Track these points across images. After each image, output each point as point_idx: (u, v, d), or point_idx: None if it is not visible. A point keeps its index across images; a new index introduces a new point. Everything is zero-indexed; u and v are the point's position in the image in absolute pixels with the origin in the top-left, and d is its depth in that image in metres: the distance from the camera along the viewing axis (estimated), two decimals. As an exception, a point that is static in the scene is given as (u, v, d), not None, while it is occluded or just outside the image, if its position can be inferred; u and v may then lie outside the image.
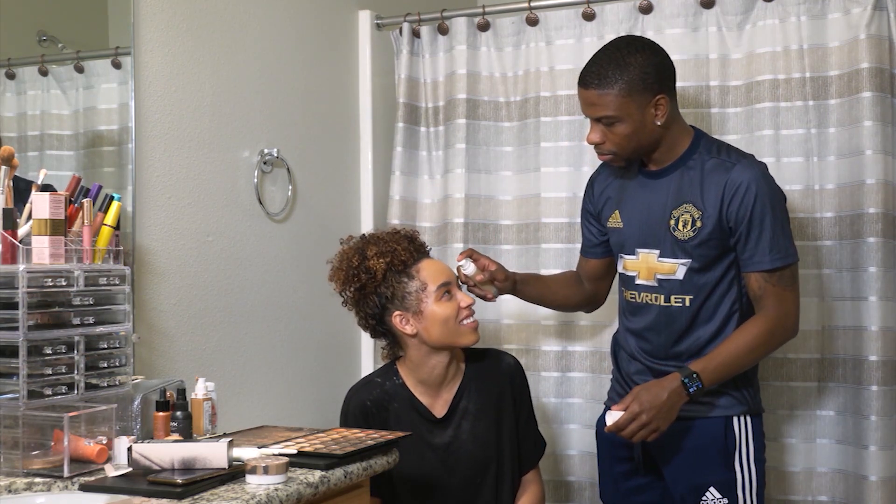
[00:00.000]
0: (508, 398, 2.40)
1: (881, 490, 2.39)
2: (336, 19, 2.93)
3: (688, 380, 2.08)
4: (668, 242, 2.19)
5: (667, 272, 2.19)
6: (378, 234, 2.40)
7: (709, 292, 2.18)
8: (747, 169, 2.13)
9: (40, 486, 1.67)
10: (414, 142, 2.97)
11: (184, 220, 2.33)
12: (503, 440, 2.38)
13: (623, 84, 2.11)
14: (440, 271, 2.34)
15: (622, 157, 2.21)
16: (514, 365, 2.45)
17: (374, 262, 2.30)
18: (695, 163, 2.19)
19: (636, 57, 2.14)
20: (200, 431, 2.01)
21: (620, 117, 2.13)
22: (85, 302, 1.82)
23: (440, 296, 2.30)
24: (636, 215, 2.26)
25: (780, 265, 2.13)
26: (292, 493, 1.64)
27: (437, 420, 2.36)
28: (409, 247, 2.34)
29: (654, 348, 2.24)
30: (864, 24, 2.44)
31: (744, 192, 2.10)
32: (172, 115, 2.30)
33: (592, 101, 2.16)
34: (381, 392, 2.36)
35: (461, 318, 2.31)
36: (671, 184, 2.20)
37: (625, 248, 2.28)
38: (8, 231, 1.78)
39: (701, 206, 2.15)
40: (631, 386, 2.27)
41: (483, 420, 2.36)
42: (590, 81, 2.16)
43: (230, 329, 2.46)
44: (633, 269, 2.26)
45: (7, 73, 2.03)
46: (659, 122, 2.15)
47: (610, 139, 2.17)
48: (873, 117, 2.42)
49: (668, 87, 2.18)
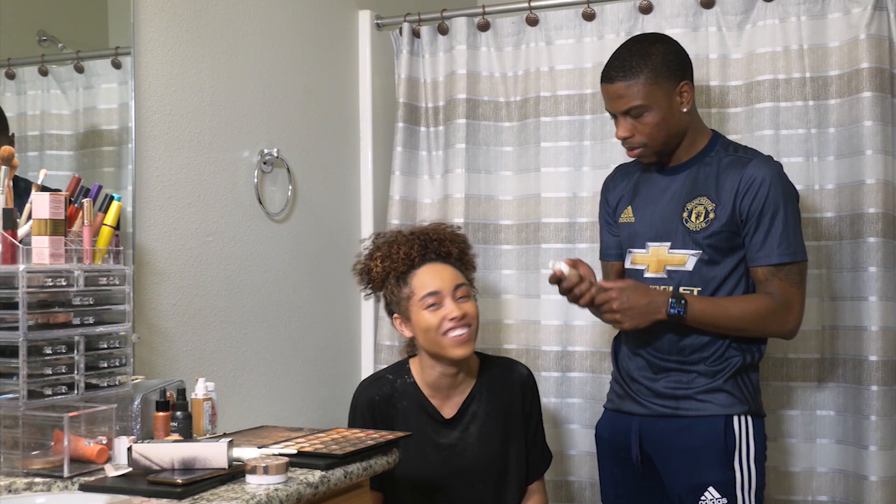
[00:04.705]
0: (518, 408, 2.40)
1: (881, 490, 2.39)
2: (336, 19, 2.93)
3: (674, 300, 2.12)
4: (680, 234, 2.19)
5: (677, 263, 2.20)
6: (395, 235, 2.41)
7: (717, 286, 2.18)
8: (763, 165, 2.16)
9: (40, 486, 1.67)
10: (414, 142, 2.97)
11: (184, 220, 2.33)
12: (510, 448, 2.38)
13: (649, 72, 2.14)
14: (433, 280, 2.32)
15: (653, 148, 2.20)
16: (526, 376, 2.45)
17: (374, 266, 2.38)
18: (711, 160, 2.21)
19: (657, 46, 2.18)
20: (200, 431, 2.01)
21: (648, 106, 2.15)
22: (85, 302, 1.82)
23: (425, 305, 2.29)
24: (649, 210, 2.26)
25: (788, 260, 2.13)
26: (292, 493, 1.64)
27: (445, 421, 2.36)
28: (411, 252, 2.34)
29: (659, 342, 2.22)
30: (864, 24, 2.44)
31: (758, 186, 2.12)
32: (172, 115, 2.30)
33: (619, 93, 2.17)
34: (390, 389, 2.37)
35: (444, 330, 2.28)
36: (687, 178, 2.22)
37: (635, 242, 2.28)
38: (8, 231, 1.78)
39: (715, 199, 2.17)
40: (630, 385, 2.27)
41: (491, 425, 2.36)
42: (615, 75, 2.17)
43: (230, 329, 2.46)
44: (641, 262, 2.26)
45: (7, 73, 2.02)
46: (685, 108, 2.18)
47: (640, 131, 2.18)
48: (873, 117, 2.43)
49: (690, 75, 2.21)
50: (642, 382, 2.25)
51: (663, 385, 2.21)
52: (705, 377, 2.18)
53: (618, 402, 2.32)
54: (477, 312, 2.34)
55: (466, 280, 2.38)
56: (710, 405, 2.17)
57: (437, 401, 2.37)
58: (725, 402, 2.17)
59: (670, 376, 2.21)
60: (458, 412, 2.37)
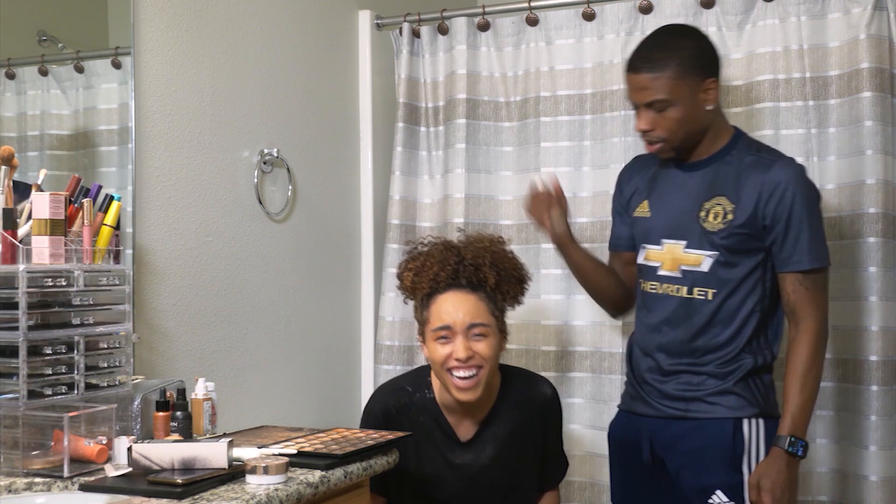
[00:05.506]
0: (539, 429, 2.33)
1: (881, 490, 2.39)
2: (336, 19, 2.93)
3: (790, 447, 2.06)
4: (696, 233, 2.16)
5: (692, 263, 2.16)
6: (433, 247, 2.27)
7: (733, 289, 2.14)
8: (787, 168, 2.12)
9: (40, 486, 1.67)
10: (414, 142, 2.97)
11: (184, 220, 2.33)
12: (526, 466, 2.31)
13: (676, 66, 2.10)
14: (449, 312, 2.18)
15: (672, 144, 2.16)
16: (550, 397, 2.35)
17: (406, 277, 2.28)
18: (732, 158, 2.17)
19: (687, 40, 2.15)
20: (200, 431, 2.01)
21: (672, 100, 2.11)
22: (85, 302, 1.82)
23: (436, 336, 2.19)
24: (665, 206, 2.23)
25: (818, 266, 2.11)
26: (292, 493, 1.64)
27: (462, 442, 2.28)
28: (440, 274, 2.20)
29: (670, 343, 2.19)
30: (864, 24, 2.44)
31: (783, 190, 2.09)
32: (172, 115, 2.30)
33: (644, 85, 2.13)
34: (408, 402, 2.29)
35: (449, 367, 2.17)
36: (706, 177, 2.18)
37: (650, 238, 2.25)
38: (8, 231, 1.78)
39: (734, 200, 2.13)
40: (642, 387, 2.24)
41: (508, 447, 2.28)
42: (641, 66, 2.13)
43: (230, 329, 2.46)
44: (656, 259, 2.23)
45: (7, 73, 2.02)
46: (709, 106, 2.14)
47: (661, 125, 2.14)
48: (873, 117, 2.42)
49: (717, 73, 2.17)
50: (652, 384, 2.22)
51: (673, 387, 2.19)
52: (715, 379, 2.15)
53: (630, 404, 2.30)
54: (494, 353, 2.20)
55: (494, 314, 2.22)
56: (719, 407, 2.14)
57: (455, 419, 2.28)
58: (735, 405, 2.14)
59: (680, 378, 2.18)
60: (475, 435, 2.28)
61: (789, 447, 2.06)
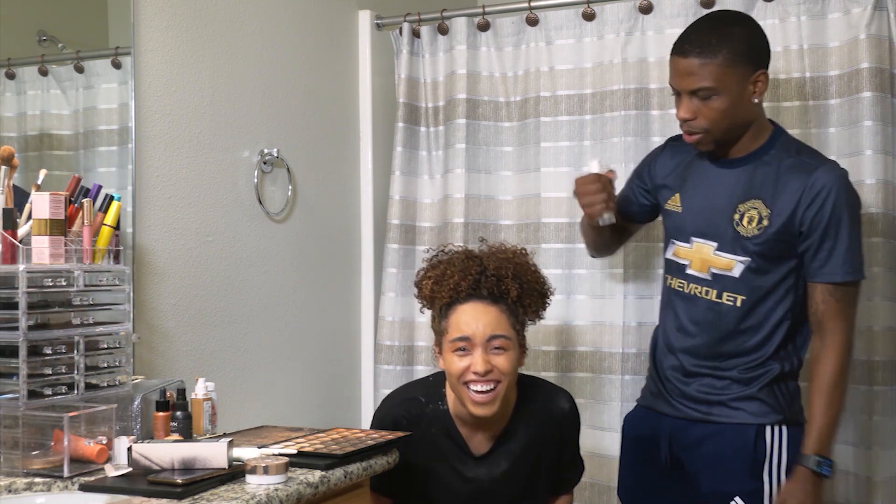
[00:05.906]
0: (554, 442, 2.26)
1: (884, 490, 2.39)
2: (336, 19, 2.93)
3: (817, 467, 2.02)
4: (729, 237, 2.09)
5: (723, 268, 2.10)
6: (455, 256, 2.20)
7: (763, 295, 2.08)
8: (829, 173, 2.04)
9: (40, 486, 1.67)
10: (414, 142, 2.97)
11: (184, 220, 2.33)
12: (538, 479, 2.26)
13: (727, 53, 2.00)
14: (468, 323, 2.11)
15: (713, 136, 2.07)
16: (568, 411, 2.27)
17: (424, 286, 2.22)
18: (771, 159, 2.08)
19: (740, 28, 2.05)
20: (200, 431, 2.01)
21: (719, 90, 2.01)
22: (85, 302, 1.82)
23: (454, 348, 2.12)
24: (698, 202, 2.15)
25: (851, 279, 2.04)
26: (292, 493, 1.64)
27: (475, 456, 2.22)
28: (461, 284, 2.13)
29: (696, 345, 2.14)
30: (864, 24, 2.44)
31: (824, 197, 2.01)
32: (172, 115, 2.30)
33: (691, 70, 2.02)
34: (420, 413, 2.21)
35: (466, 381, 2.10)
36: (742, 176, 2.10)
37: (680, 234, 2.18)
38: (8, 231, 1.77)
39: (771, 205, 2.05)
40: (665, 385, 2.20)
41: (522, 462, 2.22)
42: (690, 50, 2.02)
43: (230, 329, 2.46)
44: (685, 257, 2.17)
45: (7, 73, 2.02)
46: (756, 99, 2.05)
47: (704, 114, 2.04)
48: (873, 117, 2.42)
49: (768, 65, 2.07)
50: (674, 383, 2.18)
51: (695, 389, 2.15)
52: (739, 384, 2.10)
53: (651, 400, 2.26)
54: (513, 368, 2.13)
55: (515, 328, 2.15)
56: (742, 413, 2.09)
57: (468, 431, 2.21)
58: (758, 411, 2.09)
59: (703, 381, 2.14)
60: (489, 450, 2.21)
61: (816, 467, 2.02)
